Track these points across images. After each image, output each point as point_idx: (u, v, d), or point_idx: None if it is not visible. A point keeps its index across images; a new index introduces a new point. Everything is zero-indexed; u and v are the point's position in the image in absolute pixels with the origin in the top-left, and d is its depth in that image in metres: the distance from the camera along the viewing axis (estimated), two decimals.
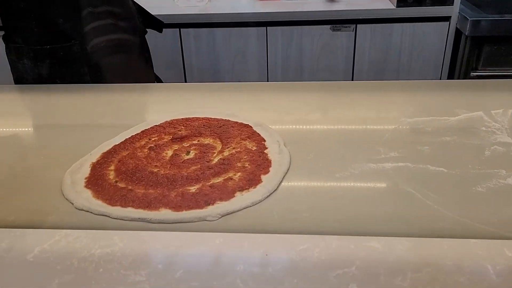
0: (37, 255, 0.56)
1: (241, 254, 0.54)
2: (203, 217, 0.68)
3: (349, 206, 0.68)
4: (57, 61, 1.16)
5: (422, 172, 0.76)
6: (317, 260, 0.52)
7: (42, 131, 0.97)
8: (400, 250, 0.53)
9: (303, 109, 1.00)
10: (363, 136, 0.88)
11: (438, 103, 1.00)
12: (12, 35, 1.19)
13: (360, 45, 1.93)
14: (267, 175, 0.77)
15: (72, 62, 1.17)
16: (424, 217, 0.65)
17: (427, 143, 0.84)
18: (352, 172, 0.77)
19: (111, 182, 0.77)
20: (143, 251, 0.57)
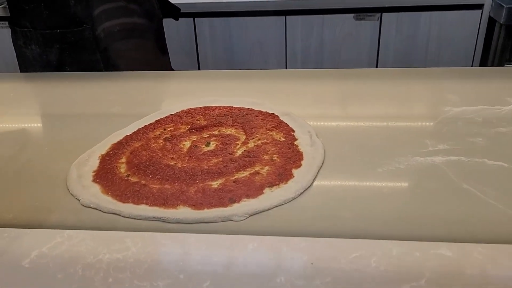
0: (33, 261, 0.47)
1: (280, 262, 0.45)
2: (228, 217, 0.59)
3: (398, 205, 0.59)
4: (67, 46, 1.08)
5: (479, 167, 0.66)
6: (375, 271, 0.42)
7: (47, 121, 0.89)
8: (478, 259, 0.44)
9: (333, 98, 0.91)
10: (404, 127, 0.78)
11: (487, 91, 0.90)
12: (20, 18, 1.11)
13: (385, 35, 1.83)
14: (299, 169, 0.68)
15: (83, 47, 1.09)
16: (489, 218, 0.56)
17: (480, 134, 0.75)
18: (397, 166, 0.67)
19: (122, 176, 0.69)
20: (161, 257, 0.48)
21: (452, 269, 0.43)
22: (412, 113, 0.85)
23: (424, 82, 0.96)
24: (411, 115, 0.84)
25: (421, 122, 0.81)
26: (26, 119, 0.90)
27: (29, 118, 0.90)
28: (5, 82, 1.05)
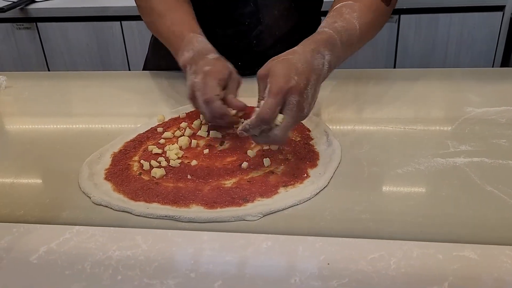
0: (42, 257, 0.46)
1: (296, 262, 0.43)
2: (242, 216, 0.57)
3: (419, 206, 0.57)
4: None
5: (503, 169, 0.64)
6: (396, 273, 0.40)
7: (61, 119, 0.88)
8: (505, 262, 0.41)
9: (350, 97, 0.89)
10: (424, 128, 0.76)
11: (509, 92, 0.87)
12: None
13: (404, 37, 1.80)
14: (314, 169, 0.66)
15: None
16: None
17: (504, 135, 0.72)
18: (417, 167, 0.65)
19: (135, 174, 0.67)
20: (172, 255, 0.47)
21: (477, 272, 0.40)
22: (432, 114, 0.82)
23: (444, 83, 0.93)
24: (431, 116, 0.81)
25: (441, 123, 0.78)
26: (39, 118, 0.90)
27: (42, 117, 0.90)
28: (19, 81, 1.05)
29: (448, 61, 1.82)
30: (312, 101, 0.65)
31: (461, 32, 1.77)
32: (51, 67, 2.05)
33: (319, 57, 0.67)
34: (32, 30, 1.98)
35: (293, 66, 0.64)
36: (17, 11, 1.90)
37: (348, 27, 0.72)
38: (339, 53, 0.70)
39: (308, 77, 0.64)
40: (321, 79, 0.68)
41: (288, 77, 0.62)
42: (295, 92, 0.62)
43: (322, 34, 0.70)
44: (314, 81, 0.65)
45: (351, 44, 0.73)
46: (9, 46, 2.04)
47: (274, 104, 0.61)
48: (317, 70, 0.66)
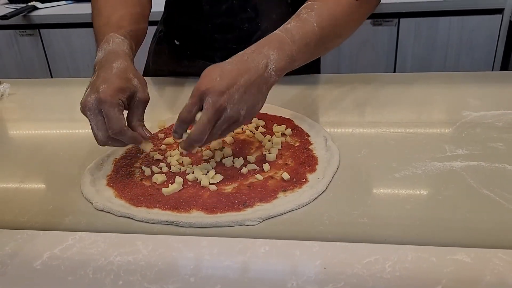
0: (45, 262, 0.47)
1: (293, 266, 0.44)
2: (241, 221, 0.58)
3: (416, 210, 0.57)
4: None
5: (499, 172, 0.64)
6: (391, 276, 0.41)
7: (63, 126, 0.89)
8: (498, 265, 0.42)
9: (349, 102, 0.90)
10: (422, 132, 0.76)
11: (508, 96, 0.88)
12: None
13: (403, 40, 1.80)
14: (313, 174, 0.67)
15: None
16: (511, 225, 0.53)
17: (501, 139, 0.72)
18: (414, 171, 0.66)
19: (136, 180, 0.68)
20: (172, 260, 0.47)
21: (471, 275, 0.41)
22: (430, 117, 0.83)
23: (443, 87, 0.94)
24: (429, 120, 0.82)
25: (439, 126, 0.79)
26: (42, 124, 0.91)
27: (45, 123, 0.91)
28: (22, 88, 1.06)
29: (448, 64, 1.83)
30: (241, 101, 0.63)
31: (460, 35, 1.78)
32: (54, 73, 2.07)
33: (260, 57, 0.66)
34: (35, 37, 2.00)
35: (218, 68, 0.64)
36: (20, 18, 1.92)
37: (303, 26, 0.71)
38: (291, 51, 0.68)
39: (235, 77, 0.63)
40: (264, 80, 0.65)
41: (208, 78, 0.63)
42: (211, 93, 0.62)
43: (269, 36, 0.70)
44: (245, 81, 0.63)
45: (308, 42, 0.70)
46: (12, 53, 2.05)
47: (189, 104, 0.63)
48: (253, 71, 0.64)
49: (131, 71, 0.70)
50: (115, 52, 0.73)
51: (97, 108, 0.65)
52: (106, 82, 0.66)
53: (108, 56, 0.72)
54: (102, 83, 0.66)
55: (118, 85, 0.66)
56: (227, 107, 0.62)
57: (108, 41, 0.75)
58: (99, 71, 0.70)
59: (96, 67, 0.72)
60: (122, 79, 0.68)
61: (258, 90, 0.65)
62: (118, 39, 0.75)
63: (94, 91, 0.66)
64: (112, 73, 0.68)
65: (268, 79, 0.66)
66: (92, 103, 0.65)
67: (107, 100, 0.64)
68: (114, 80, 0.67)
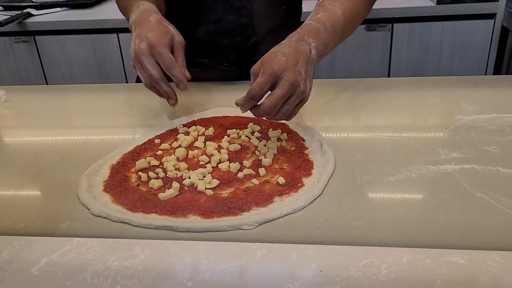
0: (43, 268, 0.47)
1: (289, 270, 0.44)
2: (238, 226, 0.58)
3: (410, 213, 0.58)
4: None
5: (492, 175, 0.65)
6: (386, 278, 0.41)
7: (60, 132, 0.89)
8: (491, 266, 0.42)
9: (344, 107, 0.90)
10: (416, 136, 0.77)
11: (500, 100, 0.89)
12: None
13: (397, 45, 1.82)
14: (309, 178, 0.68)
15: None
16: (504, 227, 0.54)
17: (493, 142, 0.73)
18: (408, 175, 0.66)
19: (133, 185, 0.68)
20: (169, 264, 0.48)
21: (465, 277, 0.42)
22: (424, 121, 0.84)
23: (436, 91, 0.95)
24: (423, 124, 0.83)
25: (433, 130, 0.80)
26: (38, 131, 0.91)
27: (41, 130, 0.91)
28: (18, 95, 1.06)
29: (442, 69, 1.84)
30: (306, 78, 0.70)
31: (453, 40, 1.79)
32: (49, 80, 2.06)
33: (304, 43, 0.73)
34: (30, 44, 2.00)
35: (279, 52, 0.70)
36: (15, 25, 1.92)
37: (330, 16, 0.79)
38: (325, 39, 0.76)
39: (296, 57, 0.70)
40: (311, 63, 0.73)
41: (277, 59, 0.68)
42: (285, 70, 0.67)
43: (305, 26, 0.77)
44: (303, 61, 0.70)
45: (336, 30, 0.79)
46: (7, 59, 2.05)
47: (262, 82, 0.68)
48: (304, 54, 0.72)
49: (165, 20, 0.82)
50: (148, 10, 0.84)
51: (149, 52, 0.76)
52: (151, 30, 0.78)
53: (143, 14, 0.83)
54: (148, 31, 0.78)
55: (162, 30, 0.79)
56: (300, 83, 0.68)
57: (139, 5, 0.85)
58: (139, 25, 0.81)
59: (133, 25, 0.83)
60: (163, 26, 0.80)
61: (311, 70, 0.73)
62: (147, 3, 0.86)
63: (143, 39, 0.77)
64: (152, 23, 0.80)
65: (313, 62, 0.74)
66: (145, 48, 0.76)
67: (158, 43, 0.76)
68: (157, 28, 0.79)
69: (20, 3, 2.11)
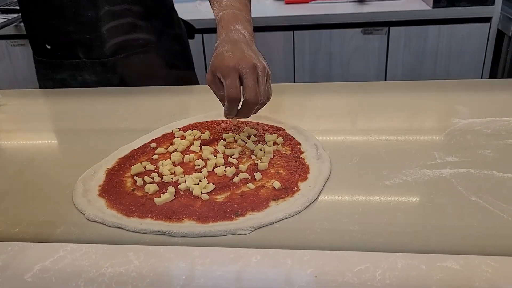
0: (36, 275, 0.47)
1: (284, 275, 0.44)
2: (233, 230, 0.58)
3: (406, 217, 0.58)
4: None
5: (488, 179, 0.65)
6: (381, 284, 0.41)
7: (55, 136, 0.89)
8: (486, 272, 0.42)
9: (341, 111, 0.90)
10: (412, 140, 0.77)
11: (496, 103, 0.89)
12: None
13: (394, 48, 1.82)
14: (305, 183, 0.67)
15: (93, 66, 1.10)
16: (499, 231, 0.54)
17: (489, 146, 0.73)
18: (404, 179, 0.66)
19: (128, 190, 0.68)
20: (164, 270, 0.47)
21: (460, 282, 0.42)
22: (419, 125, 0.84)
23: (432, 95, 0.95)
24: (419, 128, 0.83)
25: (429, 134, 0.80)
26: (34, 134, 0.91)
27: (37, 133, 0.91)
28: (14, 98, 1.06)
29: (438, 72, 1.85)
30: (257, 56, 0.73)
31: (450, 44, 1.80)
32: None
33: (234, 32, 0.77)
34: (26, 47, 1.99)
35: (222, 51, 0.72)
36: (11, 28, 1.92)
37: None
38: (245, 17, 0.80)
39: (239, 47, 0.73)
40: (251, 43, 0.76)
41: (225, 57, 0.71)
42: (240, 62, 0.70)
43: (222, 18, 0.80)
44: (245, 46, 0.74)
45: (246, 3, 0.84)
46: (3, 63, 2.05)
47: (232, 82, 0.70)
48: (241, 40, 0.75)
49: None
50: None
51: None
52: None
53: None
54: None
55: None
56: (256, 63, 0.71)
57: None
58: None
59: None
60: None
61: (256, 48, 0.76)
62: None
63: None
64: None
65: (251, 42, 0.77)
66: None
67: None
68: None
69: (16, 6, 2.11)
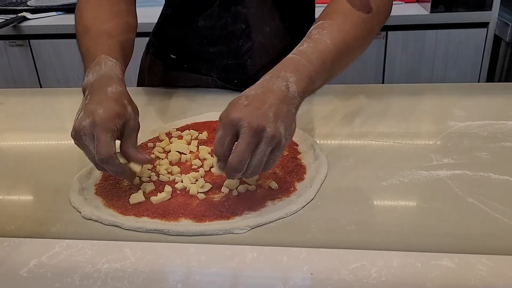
0: (32, 270, 0.47)
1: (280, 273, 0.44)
2: (230, 229, 0.58)
3: (402, 218, 0.58)
4: None
5: (484, 181, 0.65)
6: (376, 281, 0.41)
7: (52, 135, 0.89)
8: (481, 270, 0.43)
9: (338, 112, 0.91)
10: (408, 141, 0.78)
11: (492, 107, 0.89)
12: None
13: (391, 53, 1.83)
14: (301, 183, 0.68)
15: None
16: (494, 232, 0.54)
17: (485, 148, 0.74)
18: (401, 180, 0.67)
19: (125, 189, 0.68)
20: (160, 267, 0.47)
21: (455, 280, 0.42)
22: (417, 128, 0.84)
23: (430, 98, 0.95)
24: (416, 130, 0.83)
25: (426, 136, 0.80)
26: (31, 133, 0.91)
27: (34, 132, 0.91)
28: (12, 97, 1.06)
29: (435, 76, 1.85)
30: (277, 119, 0.59)
31: (447, 48, 1.81)
32: (43, 84, 2.06)
33: (279, 80, 0.63)
34: (24, 47, 1.99)
35: (244, 95, 0.61)
36: (9, 29, 1.92)
37: (316, 46, 0.69)
38: (309, 72, 0.65)
39: (263, 98, 0.60)
40: (289, 101, 0.62)
41: (237, 105, 0.59)
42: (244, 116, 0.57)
43: (284, 60, 0.67)
44: (273, 101, 0.60)
45: (325, 61, 0.68)
46: (1, 63, 2.05)
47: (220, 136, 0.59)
48: (277, 92, 0.61)
49: (125, 97, 0.68)
50: (108, 76, 0.70)
51: (91, 132, 0.62)
52: (102, 107, 0.64)
53: (101, 79, 0.69)
54: (98, 107, 0.63)
55: (115, 111, 0.64)
56: (265, 126, 0.57)
57: (100, 64, 0.71)
58: (93, 94, 0.67)
59: (87, 90, 0.69)
60: (118, 105, 0.65)
61: (288, 110, 0.61)
62: (111, 62, 0.72)
63: (89, 115, 0.63)
64: (108, 97, 0.66)
65: (293, 100, 0.63)
66: (87, 127, 0.62)
67: (102, 124, 0.62)
68: (110, 105, 0.64)
69: (15, 6, 2.11)
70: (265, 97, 0.60)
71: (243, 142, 0.57)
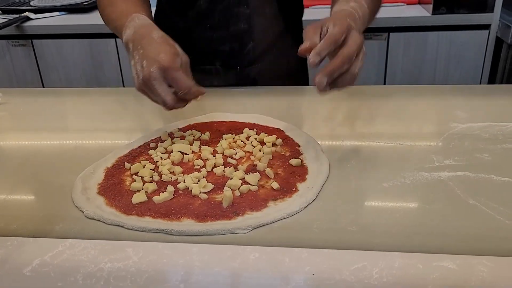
0: (35, 269, 0.47)
1: (282, 273, 0.44)
2: (232, 229, 0.58)
3: (404, 219, 0.58)
4: None
5: (485, 182, 0.66)
6: (378, 282, 0.41)
7: (55, 134, 0.89)
8: (482, 271, 0.43)
9: (339, 114, 0.91)
10: (410, 143, 0.78)
11: (494, 108, 0.89)
12: None
13: (393, 54, 1.83)
14: (303, 183, 0.68)
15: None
16: (496, 234, 0.55)
17: (486, 150, 0.74)
18: (402, 181, 0.67)
19: (127, 188, 0.68)
20: (162, 266, 0.48)
21: (456, 281, 0.42)
22: (418, 129, 0.84)
23: (431, 99, 0.96)
24: (417, 131, 0.83)
25: (427, 138, 0.80)
26: (34, 133, 0.91)
27: (37, 132, 0.91)
28: (14, 97, 1.06)
29: (437, 78, 1.86)
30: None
31: (449, 50, 1.81)
32: (46, 84, 2.07)
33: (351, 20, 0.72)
34: (27, 47, 2.00)
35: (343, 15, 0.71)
36: (12, 29, 1.92)
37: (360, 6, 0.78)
38: (359, 26, 0.74)
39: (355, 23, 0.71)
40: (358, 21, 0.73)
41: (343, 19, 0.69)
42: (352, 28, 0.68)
43: (343, 11, 0.75)
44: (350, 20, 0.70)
45: (364, 21, 0.78)
46: (4, 63, 2.05)
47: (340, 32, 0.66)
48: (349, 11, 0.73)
49: (169, 38, 0.75)
50: (145, 25, 0.77)
51: (162, 76, 0.70)
52: (161, 51, 0.71)
53: (141, 30, 0.76)
54: (157, 52, 0.70)
55: (173, 52, 0.72)
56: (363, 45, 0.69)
57: (134, 19, 0.78)
58: (142, 44, 0.73)
59: (132, 43, 0.75)
60: (171, 46, 0.73)
61: None
62: (142, 16, 0.79)
63: (152, 62, 0.70)
64: (158, 42, 0.73)
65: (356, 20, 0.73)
66: (157, 72, 0.69)
67: (170, 65, 0.70)
68: (167, 48, 0.72)
69: (18, 6, 2.12)
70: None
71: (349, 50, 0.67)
